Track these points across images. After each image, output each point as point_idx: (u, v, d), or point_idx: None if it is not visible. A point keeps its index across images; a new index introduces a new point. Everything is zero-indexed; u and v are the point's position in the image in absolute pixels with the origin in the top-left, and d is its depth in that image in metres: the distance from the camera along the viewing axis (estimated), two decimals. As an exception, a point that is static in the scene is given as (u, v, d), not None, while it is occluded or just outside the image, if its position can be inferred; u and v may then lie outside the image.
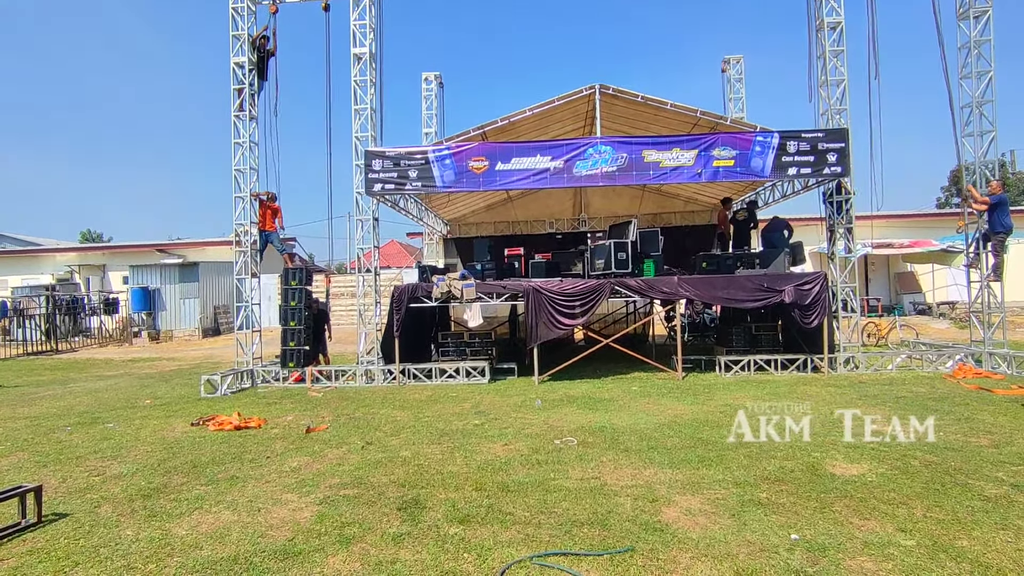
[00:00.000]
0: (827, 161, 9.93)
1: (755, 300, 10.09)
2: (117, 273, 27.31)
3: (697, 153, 9.97)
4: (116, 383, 11.68)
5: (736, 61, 15.67)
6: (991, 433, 5.97)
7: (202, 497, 4.75)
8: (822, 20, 10.45)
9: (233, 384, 10.20)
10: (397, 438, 6.51)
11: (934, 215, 26.00)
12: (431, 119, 16.20)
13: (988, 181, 10.05)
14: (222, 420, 7.39)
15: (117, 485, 5.12)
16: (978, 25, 10.02)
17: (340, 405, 8.61)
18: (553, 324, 10.19)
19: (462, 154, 10.25)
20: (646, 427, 6.62)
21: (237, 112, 10.96)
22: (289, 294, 10.85)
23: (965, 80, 10.21)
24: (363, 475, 5.19)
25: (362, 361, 10.75)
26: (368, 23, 10.56)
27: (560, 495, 4.55)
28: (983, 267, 10.29)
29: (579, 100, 11.04)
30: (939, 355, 10.49)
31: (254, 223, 11.17)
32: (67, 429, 7.38)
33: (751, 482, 4.72)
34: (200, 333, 22.16)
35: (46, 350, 19.36)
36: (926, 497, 4.31)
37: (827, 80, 10.46)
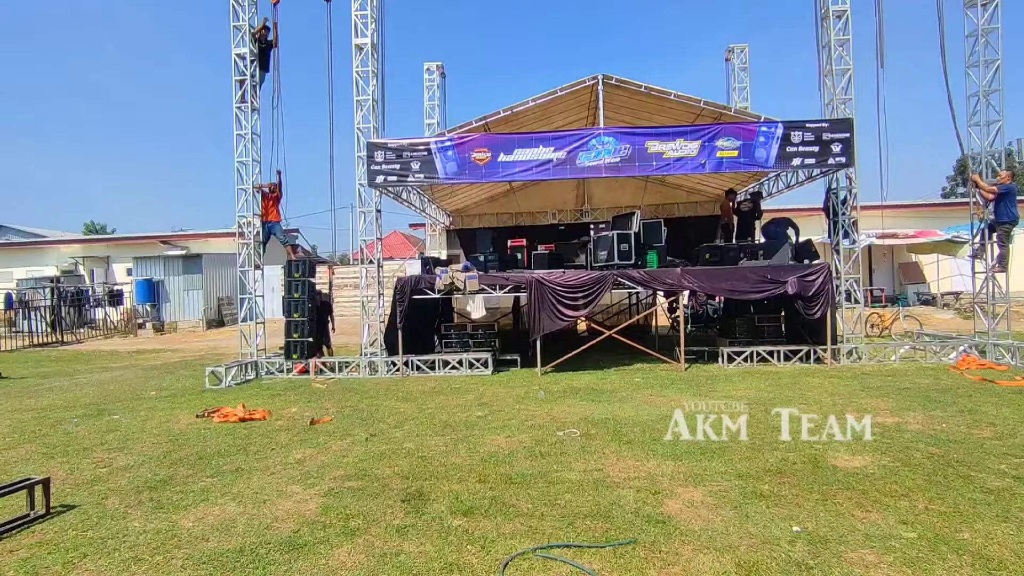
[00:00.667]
0: (831, 151, 9.86)
1: (758, 291, 10.06)
2: (121, 265, 27.42)
3: (700, 144, 9.91)
4: (121, 375, 11.75)
5: (741, 50, 15.52)
6: (994, 425, 5.96)
7: (208, 489, 4.79)
8: (827, 9, 10.34)
9: (237, 376, 10.25)
10: (401, 430, 6.55)
11: (939, 205, 25.88)
12: (433, 110, 16.11)
13: (995, 171, 9.97)
14: (227, 412, 7.44)
15: (124, 477, 5.16)
16: (986, 13, 9.88)
17: (344, 397, 8.65)
18: (556, 316, 10.19)
19: (464, 145, 10.21)
20: (649, 419, 6.64)
21: (239, 103, 10.93)
22: (292, 286, 10.88)
23: (972, 69, 10.08)
24: (367, 467, 5.23)
25: (365, 353, 10.79)
26: (369, 13, 10.50)
27: (563, 487, 4.58)
28: (988, 257, 10.23)
29: (582, 90, 10.98)
30: (943, 346, 10.46)
31: (257, 215, 11.17)
32: (73, 421, 7.44)
33: (753, 474, 4.74)
34: (204, 325, 22.26)
35: (51, 342, 19.47)
36: (928, 489, 4.32)
37: (832, 69, 10.37)
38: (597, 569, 3.32)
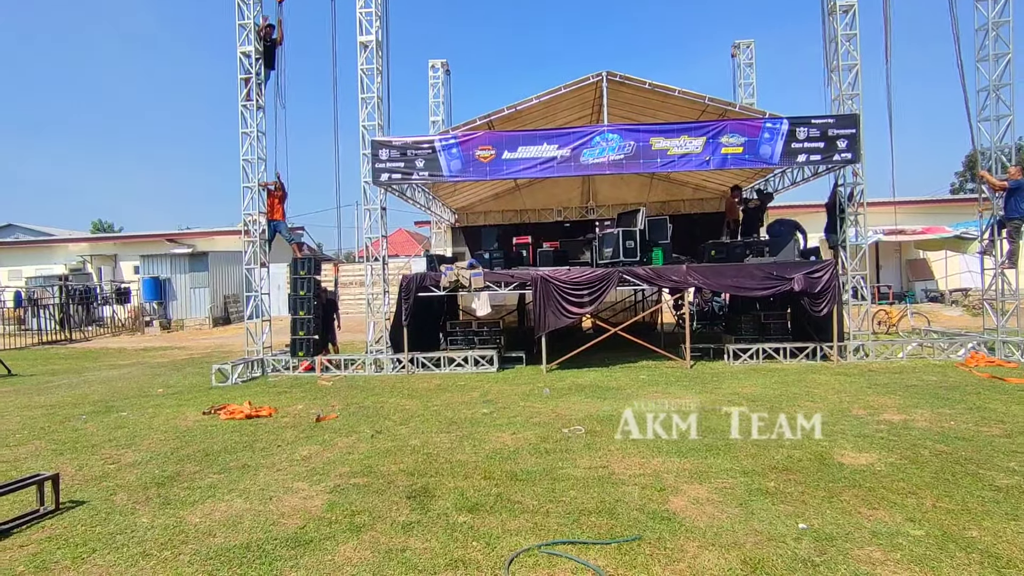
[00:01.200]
0: (837, 147, 9.79)
1: (764, 288, 10.02)
2: (128, 263, 27.60)
3: (705, 140, 9.87)
4: (129, 372, 11.83)
5: (747, 46, 15.44)
6: (1003, 422, 5.92)
7: (214, 485, 4.82)
8: (834, 3, 10.26)
9: (244, 373, 10.30)
10: (406, 427, 6.56)
11: (947, 201, 25.67)
12: (438, 107, 16.12)
13: (1005, 167, 9.89)
14: (233, 409, 7.47)
15: (132, 473, 5.20)
16: (997, 6, 9.79)
17: (349, 394, 8.68)
18: (561, 313, 10.19)
19: (469, 143, 10.20)
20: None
21: (244, 102, 10.96)
22: (298, 283, 10.92)
23: (982, 63, 10.00)
24: (373, 464, 5.25)
25: (371, 350, 10.82)
26: (374, 11, 10.50)
27: (568, 484, 4.58)
28: (998, 254, 10.15)
29: (586, 88, 10.95)
30: (951, 343, 10.40)
31: (262, 212, 11.20)
32: (82, 418, 7.50)
33: (759, 471, 4.72)
34: (210, 322, 22.37)
35: (60, 339, 19.62)
36: (936, 487, 4.29)
37: (839, 65, 10.29)
38: (602, 566, 3.32)
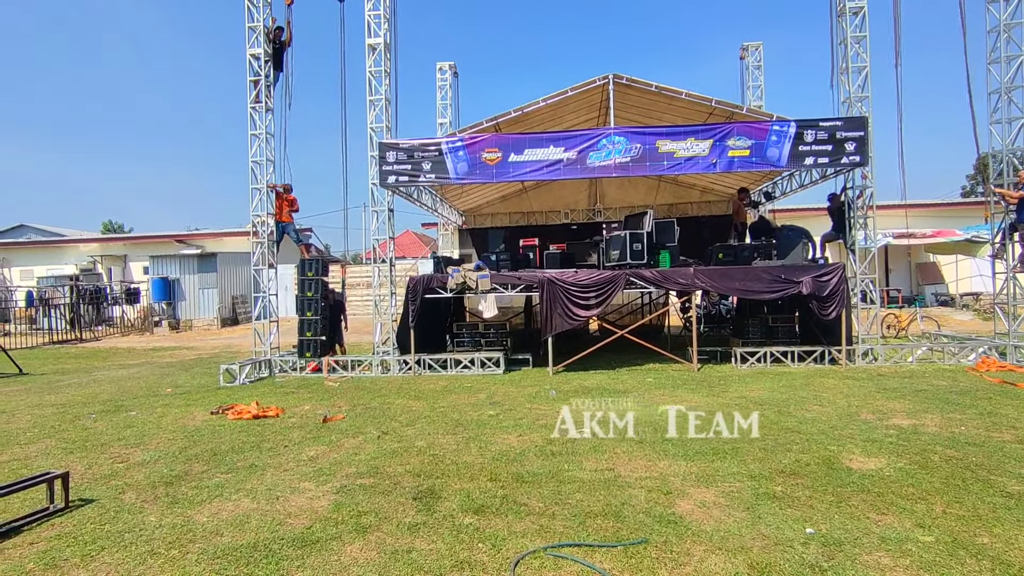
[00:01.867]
0: (845, 150, 9.73)
1: (772, 291, 9.97)
2: (138, 263, 27.82)
3: (712, 143, 9.84)
4: (138, 372, 11.92)
5: (755, 48, 15.40)
6: (1015, 428, 5.86)
7: (222, 485, 4.84)
8: (844, 5, 10.21)
9: (251, 373, 10.35)
10: (412, 428, 6.57)
11: (958, 204, 25.43)
12: (446, 109, 16.15)
13: (1016, 169, 9.80)
14: (241, 409, 7.51)
15: (140, 472, 5.24)
16: (1009, 7, 9.71)
17: (356, 395, 8.70)
18: (568, 315, 10.18)
19: (475, 145, 10.22)
20: (660, 418, 6.60)
21: (253, 104, 11.03)
22: (305, 284, 10.96)
23: (993, 65, 9.92)
24: (379, 465, 5.26)
25: (378, 351, 10.85)
26: (383, 13, 10.55)
27: (574, 486, 4.57)
28: (1009, 257, 10.05)
29: (593, 90, 10.94)
30: (961, 348, 10.30)
31: (271, 214, 11.27)
32: (92, 417, 7.56)
33: (766, 475, 4.69)
34: (219, 323, 22.51)
35: (70, 339, 19.79)
36: (946, 493, 4.25)
37: (848, 67, 10.24)
38: (608, 568, 3.31)
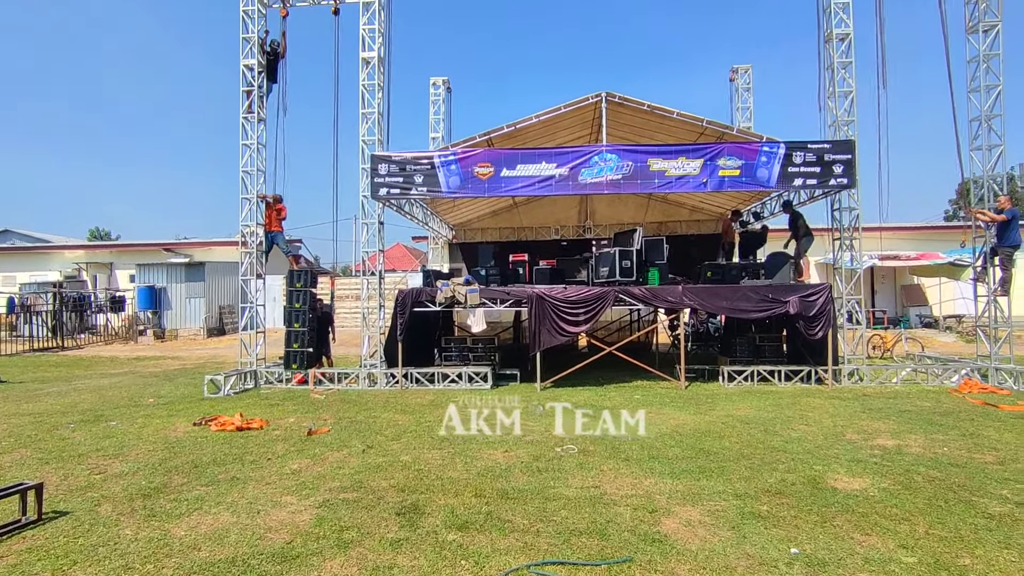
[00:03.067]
0: (833, 172, 9.90)
1: (760, 310, 10.05)
2: (124, 271, 27.51)
3: (703, 162, 9.97)
4: (120, 381, 11.73)
5: (744, 71, 15.68)
6: (996, 450, 5.91)
7: (202, 498, 4.76)
8: (831, 32, 10.44)
9: (236, 385, 10.23)
10: (398, 442, 6.51)
11: (942, 228, 25.85)
12: (439, 124, 16.25)
13: (997, 195, 10.00)
14: (224, 420, 7.41)
15: (118, 484, 5.13)
16: (987, 39, 9.99)
17: (342, 408, 8.61)
18: (556, 331, 10.18)
19: (468, 160, 10.27)
20: (647, 436, 6.59)
21: (245, 114, 11.03)
22: (293, 296, 10.90)
23: (973, 94, 10.16)
24: (363, 479, 5.19)
25: (365, 364, 10.77)
26: (377, 27, 10.63)
27: (559, 503, 4.54)
28: (990, 281, 10.22)
29: (585, 108, 11.07)
30: (945, 369, 10.41)
31: (260, 224, 11.22)
32: (70, 426, 7.42)
33: (751, 494, 4.69)
34: (205, 333, 22.26)
35: (52, 347, 19.47)
36: (929, 513, 4.27)
37: (835, 91, 10.44)
38: (592, 587, 3.28)
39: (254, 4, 10.97)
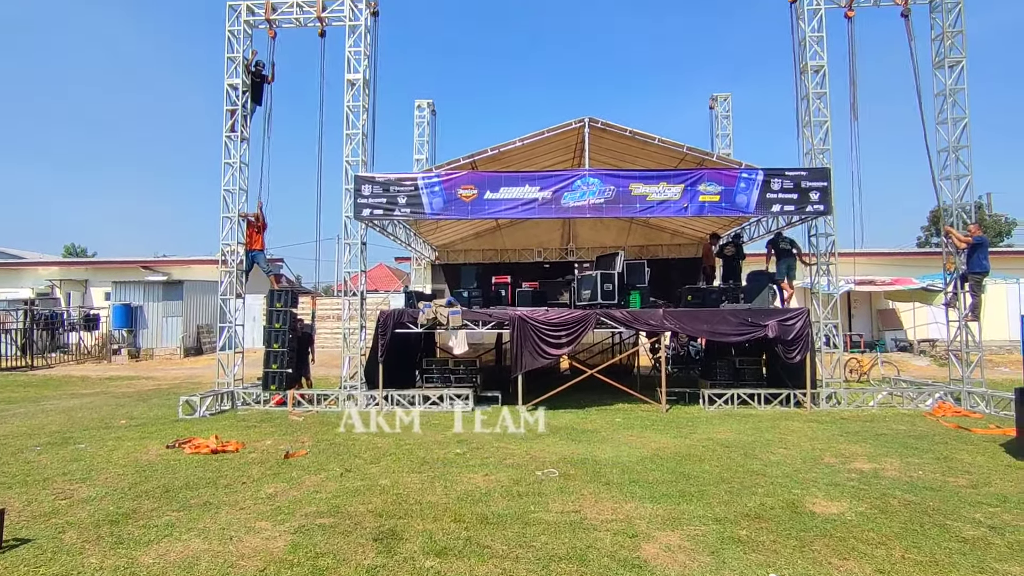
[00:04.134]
0: (810, 199, 10.13)
1: (739, 334, 10.16)
2: (99, 289, 26.95)
3: (683, 187, 10.14)
4: (91, 402, 11.42)
5: (724, 99, 16.06)
6: (969, 473, 6.00)
7: (172, 524, 4.62)
8: (806, 63, 10.78)
9: (212, 406, 10.02)
10: (377, 466, 6.41)
11: (915, 254, 26.52)
12: (423, 145, 16.35)
13: (966, 224, 10.31)
14: (199, 443, 7.24)
15: (84, 510, 4.97)
16: (953, 74, 10.40)
17: (321, 430, 8.47)
18: (538, 353, 10.17)
19: (451, 182, 10.33)
20: (628, 460, 6.59)
21: (229, 133, 11.00)
22: (273, 316, 10.77)
23: (942, 126, 10.54)
24: (340, 503, 5.10)
25: (345, 385, 10.63)
26: (363, 50, 10.74)
27: (539, 528, 4.49)
28: (961, 306, 10.48)
29: (568, 132, 11.23)
30: (919, 393, 10.59)
31: (241, 243, 11.12)
32: (36, 449, 7.19)
33: (731, 519, 4.69)
34: (182, 352, 21.82)
35: (20, 366, 18.92)
36: (905, 538, 4.31)
37: (811, 120, 10.74)
38: (571, 615, 3.23)
39: (240, 24, 11.03)
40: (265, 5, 11.10)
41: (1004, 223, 41.07)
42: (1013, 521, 4.63)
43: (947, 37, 10.45)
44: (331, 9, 10.97)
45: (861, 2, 10.90)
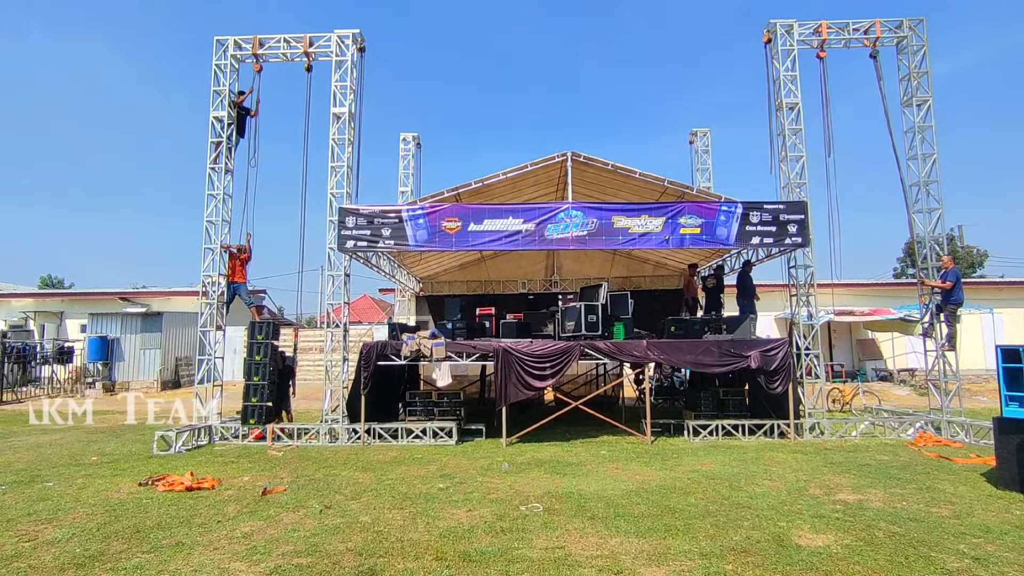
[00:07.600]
0: (788, 232, 10.34)
1: (722, 365, 10.21)
2: (75, 321, 26.34)
3: (665, 220, 10.31)
4: (62, 438, 11.06)
5: (703, 134, 16.48)
6: (952, 503, 6.02)
7: (142, 566, 4.45)
8: (781, 101, 11.14)
9: (189, 441, 9.77)
10: (357, 502, 6.26)
11: (892, 285, 27.04)
12: (408, 178, 16.47)
13: (939, 255, 10.58)
14: (173, 480, 7.03)
15: (49, 552, 4.76)
16: (921, 112, 10.82)
17: (300, 465, 8.28)
18: (523, 385, 10.12)
19: (436, 214, 10.40)
20: (613, 493, 6.51)
21: (212, 164, 11.01)
22: (254, 348, 10.61)
23: (912, 161, 10.91)
24: (319, 542, 4.95)
25: (326, 419, 10.45)
26: (349, 84, 10.90)
27: (523, 566, 4.40)
28: (938, 336, 10.66)
29: (552, 166, 11.42)
30: (900, 422, 10.68)
31: (222, 275, 11.01)
32: (0, 488, 6.91)
33: (717, 553, 4.64)
34: (159, 385, 21.33)
35: (-11, 401, 18.31)
36: (890, 571, 4.28)
37: (787, 156, 11.05)
38: (555, 657, 3.15)
39: (226, 59, 11.15)
40: (253, 40, 11.27)
41: (976, 254, 42.23)
42: (996, 552, 4.63)
43: (914, 77, 10.90)
44: (318, 45, 11.17)
45: (832, 43, 11.35)
